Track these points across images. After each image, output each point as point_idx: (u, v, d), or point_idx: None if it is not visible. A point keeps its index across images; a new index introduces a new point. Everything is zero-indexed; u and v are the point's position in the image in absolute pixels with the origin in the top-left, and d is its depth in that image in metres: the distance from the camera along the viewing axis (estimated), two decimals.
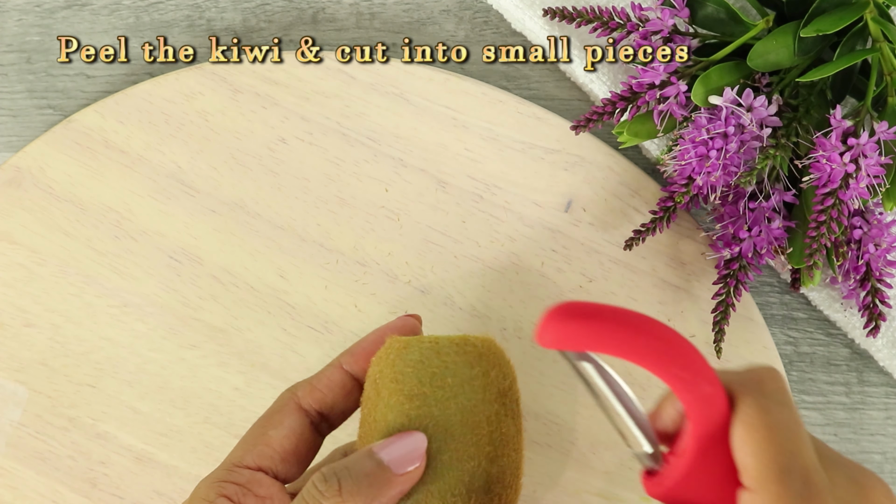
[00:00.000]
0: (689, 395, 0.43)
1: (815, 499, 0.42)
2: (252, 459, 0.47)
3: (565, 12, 0.59)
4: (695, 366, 0.43)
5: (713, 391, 0.43)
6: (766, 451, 0.42)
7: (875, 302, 0.57)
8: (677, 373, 0.42)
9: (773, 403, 0.43)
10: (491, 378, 0.47)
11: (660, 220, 0.56)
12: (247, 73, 0.61)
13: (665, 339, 0.43)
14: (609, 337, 0.42)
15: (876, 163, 0.53)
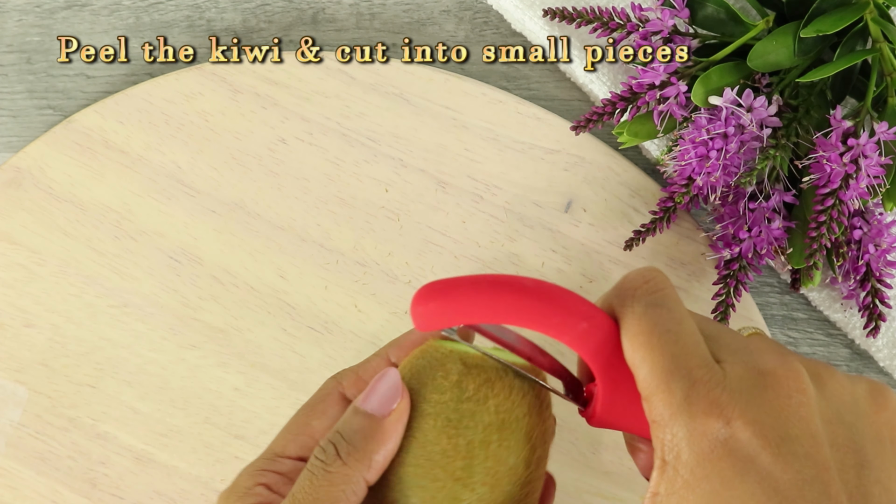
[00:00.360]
0: (567, 336, 0.42)
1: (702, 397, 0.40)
2: (294, 449, 0.46)
3: (565, 13, 0.59)
4: (564, 308, 0.42)
5: (590, 324, 0.42)
6: (647, 358, 0.41)
7: (875, 302, 0.57)
8: (547, 321, 0.42)
9: (650, 307, 0.42)
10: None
11: (660, 220, 0.56)
12: (247, 74, 0.61)
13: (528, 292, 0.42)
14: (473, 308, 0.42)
15: (876, 163, 0.53)
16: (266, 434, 0.60)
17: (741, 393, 0.41)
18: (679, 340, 0.42)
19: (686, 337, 0.42)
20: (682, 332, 0.42)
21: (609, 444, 0.59)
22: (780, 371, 0.42)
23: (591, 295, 0.60)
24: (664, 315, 0.42)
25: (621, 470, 0.59)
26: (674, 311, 0.43)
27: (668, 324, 0.42)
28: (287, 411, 0.60)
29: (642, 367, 0.42)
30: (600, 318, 0.43)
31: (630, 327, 0.42)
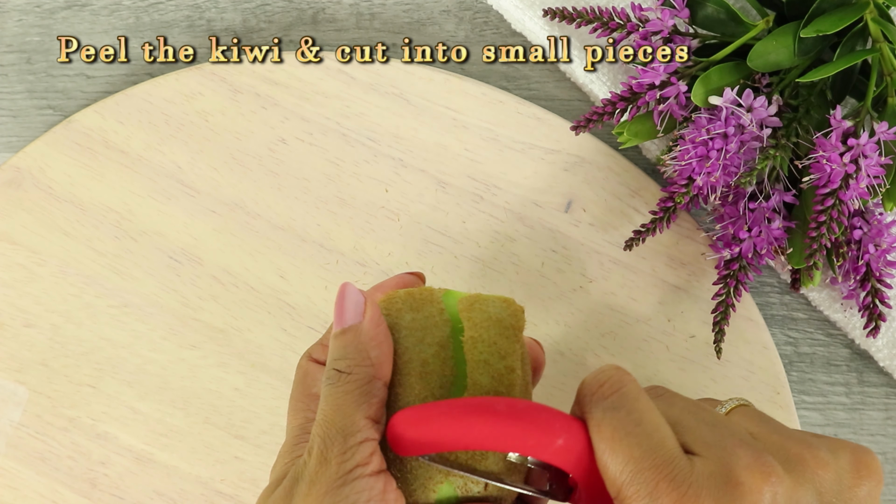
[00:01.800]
0: (546, 454, 0.43)
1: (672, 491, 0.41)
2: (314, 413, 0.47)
3: (565, 12, 0.59)
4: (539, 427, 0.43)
5: (567, 438, 0.43)
6: (611, 464, 0.42)
7: (875, 302, 0.57)
8: (524, 444, 0.43)
9: (607, 412, 0.43)
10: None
11: (660, 220, 0.56)
12: (247, 74, 0.61)
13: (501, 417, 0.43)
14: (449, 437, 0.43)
15: (876, 163, 0.53)
16: (266, 434, 0.60)
17: (709, 490, 0.41)
18: (640, 442, 0.42)
19: (647, 437, 0.42)
20: (642, 433, 0.42)
21: None
22: (753, 469, 0.42)
23: (591, 295, 0.60)
24: (623, 418, 0.43)
25: None
26: (632, 412, 0.43)
27: (627, 426, 0.42)
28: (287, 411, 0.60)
29: (607, 472, 0.42)
30: (576, 429, 0.43)
31: (593, 435, 0.43)
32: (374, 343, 0.45)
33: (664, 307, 0.60)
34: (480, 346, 0.46)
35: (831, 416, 0.61)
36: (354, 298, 0.46)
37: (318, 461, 0.43)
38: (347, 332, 0.45)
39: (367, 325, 0.45)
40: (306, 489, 0.43)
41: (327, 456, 0.43)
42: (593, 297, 0.60)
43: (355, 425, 0.43)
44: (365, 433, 0.43)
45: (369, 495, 0.42)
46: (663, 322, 0.60)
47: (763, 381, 0.59)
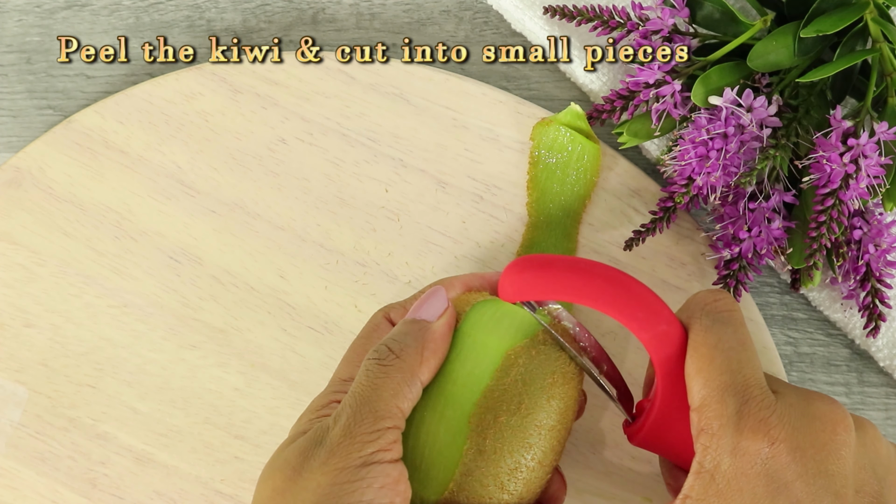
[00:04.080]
0: (646, 333, 0.44)
1: (752, 415, 0.42)
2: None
3: (565, 10, 0.59)
4: (650, 306, 0.44)
5: (669, 329, 0.44)
6: (706, 370, 0.43)
7: (875, 302, 0.57)
8: (633, 313, 0.44)
9: (717, 324, 0.44)
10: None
11: (660, 220, 0.56)
12: (247, 74, 0.61)
13: (620, 282, 0.44)
14: (565, 284, 0.44)
15: (876, 163, 0.53)
16: (266, 434, 0.60)
17: (790, 419, 0.43)
18: (740, 359, 0.43)
19: (746, 358, 0.44)
20: (743, 352, 0.44)
21: (609, 443, 0.59)
22: (830, 409, 0.44)
23: None
24: (729, 333, 0.44)
25: (621, 470, 0.59)
26: (738, 331, 0.45)
27: (732, 342, 0.44)
28: (287, 411, 0.60)
29: (699, 377, 0.43)
30: (677, 327, 0.45)
31: (695, 338, 0.44)
32: (433, 344, 0.46)
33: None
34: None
35: None
36: (441, 300, 0.48)
37: (343, 433, 0.43)
38: (417, 322, 0.47)
39: (438, 327, 0.47)
40: (325, 457, 0.43)
41: (353, 431, 0.43)
42: None
43: (388, 410, 0.44)
44: (395, 420, 0.44)
45: (384, 482, 0.43)
46: None
47: None
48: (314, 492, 0.42)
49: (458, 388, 0.47)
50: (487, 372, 0.47)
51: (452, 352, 0.47)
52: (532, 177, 0.59)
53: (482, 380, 0.47)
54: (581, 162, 0.58)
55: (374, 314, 0.50)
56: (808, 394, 0.45)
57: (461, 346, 0.48)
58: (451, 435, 0.46)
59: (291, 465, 0.43)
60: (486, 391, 0.47)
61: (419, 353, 0.46)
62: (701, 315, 0.45)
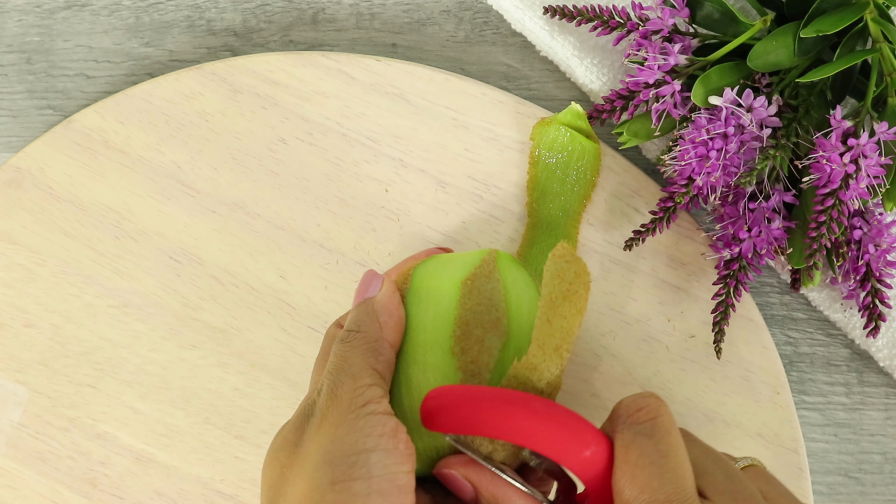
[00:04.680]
0: (571, 461, 0.44)
1: None
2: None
3: (565, 10, 0.59)
4: (572, 432, 0.44)
5: (595, 450, 0.44)
6: (628, 488, 0.42)
7: (875, 302, 0.57)
8: (555, 444, 0.44)
9: (638, 437, 0.43)
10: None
11: (660, 220, 0.56)
12: (247, 74, 0.61)
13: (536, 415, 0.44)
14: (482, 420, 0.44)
15: (876, 163, 0.53)
16: (266, 434, 0.60)
17: None
18: (662, 474, 0.42)
19: (670, 471, 0.42)
20: (665, 465, 0.43)
21: None
22: None
23: (591, 294, 0.60)
24: (650, 446, 0.43)
25: None
26: (661, 443, 0.43)
27: (654, 456, 0.43)
28: (287, 412, 0.60)
29: (622, 493, 0.43)
30: (603, 445, 0.44)
31: (617, 454, 0.44)
32: (383, 309, 0.49)
33: (664, 307, 0.60)
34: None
35: (831, 416, 0.61)
36: (374, 278, 0.51)
37: (328, 397, 0.45)
38: (363, 303, 0.49)
39: (380, 297, 0.50)
40: (318, 422, 0.44)
41: (338, 393, 0.45)
42: (593, 297, 0.60)
43: (363, 371, 0.46)
44: (373, 379, 0.46)
45: (382, 430, 0.43)
46: (663, 322, 0.60)
47: (763, 381, 0.59)
48: (317, 454, 0.43)
49: (431, 332, 0.49)
50: (451, 306, 0.49)
51: (412, 307, 0.50)
52: (532, 177, 0.59)
53: (449, 313, 0.49)
54: (581, 162, 0.58)
55: (328, 329, 0.52)
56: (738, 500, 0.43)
57: (418, 299, 0.50)
58: (442, 374, 0.48)
59: (291, 441, 0.45)
60: (457, 320, 0.49)
61: (375, 322, 0.48)
62: (623, 428, 0.44)
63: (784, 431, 0.59)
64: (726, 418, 0.59)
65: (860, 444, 0.61)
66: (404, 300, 0.50)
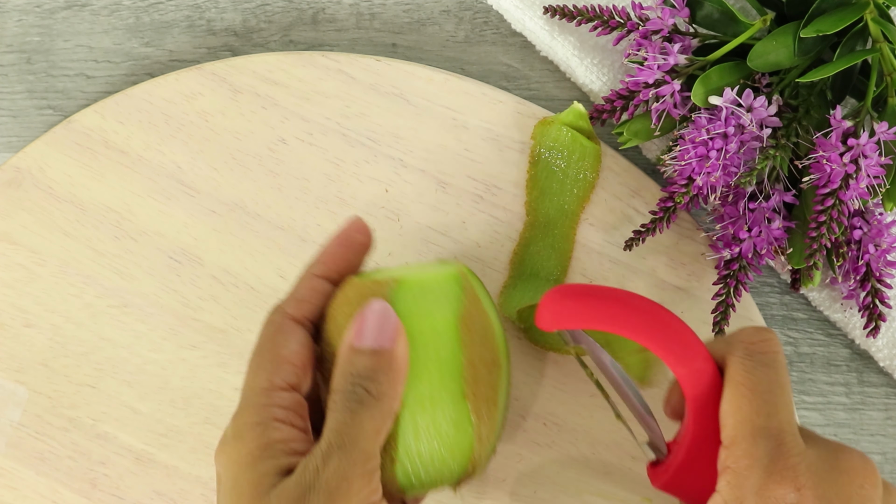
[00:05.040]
0: (683, 368, 0.44)
1: (783, 459, 0.42)
2: (281, 379, 0.46)
3: (565, 10, 0.59)
4: (687, 342, 0.44)
5: (704, 366, 0.44)
6: (742, 409, 0.43)
7: (875, 302, 0.57)
8: (671, 347, 0.44)
9: (757, 364, 0.44)
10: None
11: (660, 220, 0.56)
12: (247, 74, 0.61)
13: (658, 316, 0.44)
14: (605, 314, 0.44)
15: (876, 163, 0.53)
16: None
17: (819, 469, 0.43)
18: (777, 403, 0.44)
19: (783, 403, 0.44)
20: (781, 397, 0.44)
21: (609, 443, 0.59)
22: (859, 463, 0.44)
23: None
24: (771, 376, 0.44)
25: (621, 470, 0.59)
26: (780, 375, 0.45)
27: (772, 385, 0.44)
28: None
29: (735, 415, 0.43)
30: (711, 364, 0.45)
31: (736, 376, 0.44)
32: (402, 376, 0.45)
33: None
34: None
35: (831, 416, 0.61)
36: (388, 318, 0.46)
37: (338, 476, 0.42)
38: (380, 354, 0.45)
39: (400, 354, 0.45)
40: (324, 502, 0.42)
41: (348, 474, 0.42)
42: None
43: (374, 450, 0.44)
44: (378, 459, 0.44)
45: None
46: None
47: None
48: None
49: (438, 380, 0.46)
50: (455, 350, 0.47)
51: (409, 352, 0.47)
52: (532, 176, 0.59)
53: (455, 358, 0.47)
54: (581, 163, 0.58)
55: (270, 314, 0.48)
56: (839, 447, 0.45)
57: (413, 343, 0.46)
58: (455, 421, 0.46)
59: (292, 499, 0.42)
60: (465, 365, 0.47)
61: (394, 389, 0.45)
62: (743, 354, 0.45)
63: None
64: None
65: (860, 444, 0.61)
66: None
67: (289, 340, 0.47)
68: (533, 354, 0.60)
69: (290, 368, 0.47)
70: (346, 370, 0.45)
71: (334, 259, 0.50)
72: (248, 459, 0.44)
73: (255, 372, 0.47)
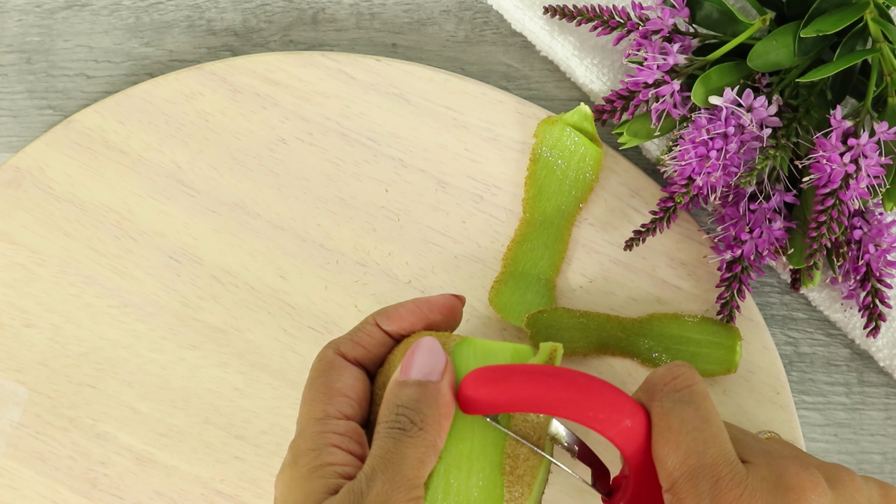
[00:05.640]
0: (611, 432, 0.44)
1: (724, 495, 0.42)
2: (335, 409, 0.46)
3: (565, 10, 0.59)
4: (611, 403, 0.44)
5: (633, 421, 0.44)
6: (671, 455, 0.43)
7: (875, 302, 0.57)
8: (594, 416, 0.44)
9: (675, 404, 0.44)
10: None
11: (660, 220, 0.56)
12: (247, 74, 0.61)
13: (577, 386, 0.44)
14: (524, 396, 0.44)
15: (876, 163, 0.53)
16: (266, 434, 0.60)
17: (763, 492, 0.43)
18: (705, 438, 0.43)
19: (711, 435, 0.44)
20: (708, 430, 0.44)
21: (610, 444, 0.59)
22: (802, 477, 0.44)
23: (590, 295, 0.60)
24: (691, 413, 0.44)
25: None
26: (700, 409, 0.44)
27: (695, 422, 0.44)
28: (287, 411, 0.60)
29: (668, 460, 0.43)
30: (641, 415, 0.45)
31: (658, 422, 0.44)
32: (446, 410, 0.45)
33: (664, 307, 0.59)
34: None
35: (831, 416, 0.61)
36: (436, 354, 0.46)
37: (381, 501, 0.42)
38: (427, 387, 0.45)
39: (446, 388, 0.45)
40: None
41: (391, 499, 0.43)
42: (593, 297, 0.60)
43: (418, 479, 0.44)
44: (422, 490, 0.44)
45: None
46: None
47: (763, 381, 0.59)
48: None
49: (480, 443, 0.46)
50: (505, 421, 0.46)
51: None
52: (531, 173, 0.59)
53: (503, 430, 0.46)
54: (582, 164, 0.58)
55: (323, 351, 0.49)
56: (779, 462, 0.44)
57: None
58: (487, 491, 0.45)
59: None
60: (511, 440, 0.46)
61: (438, 423, 0.45)
62: (660, 397, 0.45)
63: (784, 431, 0.58)
64: (726, 418, 0.59)
65: (860, 444, 0.61)
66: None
67: (342, 375, 0.47)
68: None
69: (344, 400, 0.47)
70: (390, 401, 0.45)
71: (403, 321, 0.49)
72: (300, 481, 0.45)
73: (310, 404, 0.47)
